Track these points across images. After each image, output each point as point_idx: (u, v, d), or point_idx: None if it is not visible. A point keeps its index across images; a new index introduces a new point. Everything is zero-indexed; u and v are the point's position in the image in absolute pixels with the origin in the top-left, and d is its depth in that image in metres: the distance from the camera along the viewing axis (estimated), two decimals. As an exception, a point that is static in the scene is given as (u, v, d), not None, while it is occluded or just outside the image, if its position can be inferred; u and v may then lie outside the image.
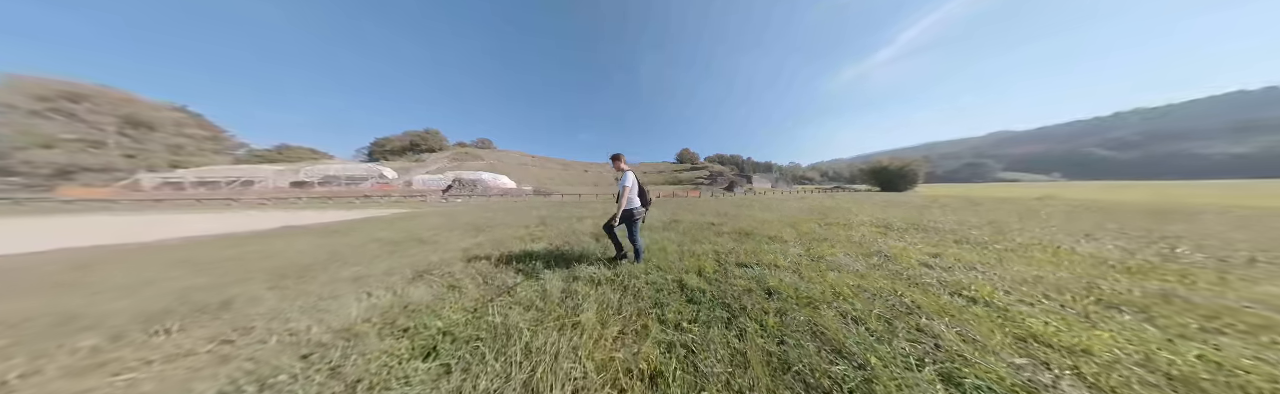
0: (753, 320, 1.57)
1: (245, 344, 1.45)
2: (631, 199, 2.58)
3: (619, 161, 2.69)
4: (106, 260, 3.43)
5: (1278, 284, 2.03)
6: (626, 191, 2.52)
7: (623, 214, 2.54)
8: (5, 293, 2.38)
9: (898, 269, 2.41)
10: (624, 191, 2.53)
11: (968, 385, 1.07)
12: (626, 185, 2.55)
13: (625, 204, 2.54)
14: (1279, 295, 1.86)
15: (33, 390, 1.19)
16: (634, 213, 2.56)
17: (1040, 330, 1.43)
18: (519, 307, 1.77)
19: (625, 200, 2.53)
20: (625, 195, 2.52)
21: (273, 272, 2.72)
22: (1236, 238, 3.55)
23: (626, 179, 2.57)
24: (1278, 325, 1.51)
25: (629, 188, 2.53)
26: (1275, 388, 1.08)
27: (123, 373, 1.26)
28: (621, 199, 2.55)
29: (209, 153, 32.42)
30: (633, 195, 2.58)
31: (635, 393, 1.05)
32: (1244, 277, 2.19)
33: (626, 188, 2.54)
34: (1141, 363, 1.20)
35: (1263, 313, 1.63)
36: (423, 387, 1.11)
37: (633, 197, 2.58)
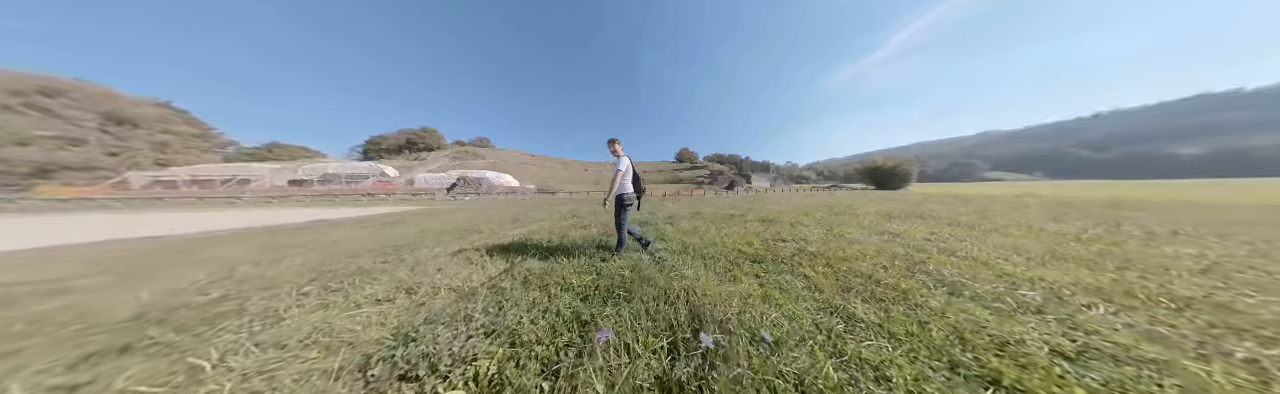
0: (809, 269, 2.17)
1: (424, 295, 1.83)
2: (624, 184, 2.50)
3: (615, 145, 2.60)
4: (191, 247, 3.72)
5: (1176, 246, 2.75)
6: (619, 175, 2.44)
7: (614, 199, 2.49)
8: (169, 267, 2.82)
9: (905, 242, 3.06)
10: (616, 175, 2.45)
11: (965, 295, 1.69)
12: (619, 169, 2.46)
13: (617, 189, 2.46)
14: (1174, 252, 2.57)
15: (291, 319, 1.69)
16: (624, 198, 2.50)
17: (1011, 271, 2.07)
18: (627, 270, 2.26)
19: (617, 184, 2.45)
20: (617, 179, 2.44)
21: (371, 251, 3.13)
22: (1168, 220, 4.35)
23: (620, 163, 2.49)
24: (1164, 263, 2.19)
25: (622, 172, 2.46)
26: (1153, 286, 1.72)
27: (362, 307, 1.72)
28: (613, 184, 2.46)
29: (197, 151, 31.61)
30: (625, 180, 2.50)
31: (756, 306, 1.63)
32: (1160, 243, 2.91)
33: (619, 172, 2.45)
34: (1073, 283, 1.85)
35: (1158, 260, 2.33)
36: (601, 307, 1.61)
37: (625, 181, 2.50)
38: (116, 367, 1.17)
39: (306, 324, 1.45)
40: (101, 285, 2.25)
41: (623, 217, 2.55)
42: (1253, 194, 11.90)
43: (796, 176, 55.96)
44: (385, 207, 13.44)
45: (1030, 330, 1.27)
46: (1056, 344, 1.18)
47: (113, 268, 2.76)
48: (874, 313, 1.45)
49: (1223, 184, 29.47)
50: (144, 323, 1.55)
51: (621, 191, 2.51)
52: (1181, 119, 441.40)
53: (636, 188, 2.63)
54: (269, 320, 1.52)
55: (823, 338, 1.23)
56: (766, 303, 1.60)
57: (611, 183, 2.51)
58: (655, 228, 4.36)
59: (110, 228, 6.71)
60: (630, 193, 2.56)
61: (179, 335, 1.39)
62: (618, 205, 2.53)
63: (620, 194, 2.51)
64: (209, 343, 1.31)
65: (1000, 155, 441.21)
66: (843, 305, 1.55)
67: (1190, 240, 3.02)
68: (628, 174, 2.52)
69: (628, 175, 2.52)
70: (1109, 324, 1.33)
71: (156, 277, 2.43)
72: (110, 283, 2.31)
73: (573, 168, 44.16)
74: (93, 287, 2.22)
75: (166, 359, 1.20)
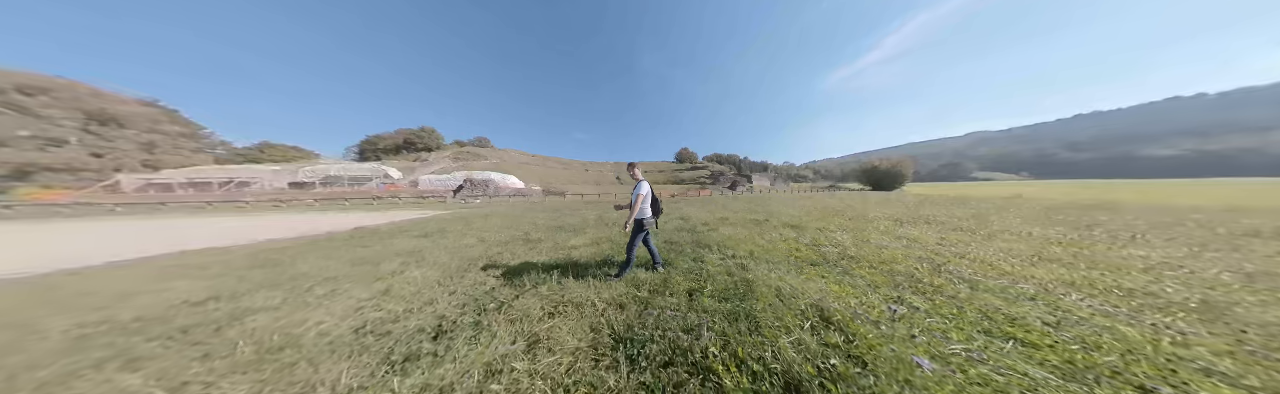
0: (859, 270, 2.85)
1: (601, 308, 2.56)
2: (643, 208, 2.60)
3: (635, 169, 2.76)
4: (280, 257, 4.06)
5: (1132, 249, 3.53)
6: (640, 200, 2.56)
7: (634, 223, 2.57)
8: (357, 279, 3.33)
9: (923, 246, 3.78)
10: (637, 200, 2.57)
11: (981, 288, 2.38)
12: (640, 194, 2.58)
13: (637, 213, 2.56)
14: (1129, 253, 3.34)
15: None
16: (644, 223, 2.60)
17: (1010, 270, 2.79)
18: (723, 274, 2.86)
19: (637, 209, 2.56)
20: (638, 204, 2.55)
21: (471, 262, 3.52)
22: (1133, 224, 5.22)
23: (641, 188, 2.60)
24: (1120, 264, 2.93)
25: (643, 196, 2.56)
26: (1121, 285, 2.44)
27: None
28: (634, 207, 2.57)
29: (186, 151, 30.90)
30: (645, 204, 2.60)
31: (842, 298, 2.27)
32: (1120, 246, 3.69)
33: (640, 196, 2.57)
34: (1054, 279, 2.56)
35: (1116, 260, 3.08)
36: (738, 303, 2.28)
37: (645, 206, 2.61)
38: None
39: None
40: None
41: (637, 240, 2.64)
42: (1211, 195, 13.29)
43: (795, 176, 57.42)
44: (402, 211, 13.62)
45: (1028, 311, 1.95)
46: (1045, 318, 1.86)
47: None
48: (922, 301, 2.12)
49: (1191, 184, 31.92)
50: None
51: (641, 216, 2.60)
52: (1153, 122, 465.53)
53: (655, 210, 2.74)
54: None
55: (900, 317, 1.89)
56: (846, 295, 2.26)
57: (632, 206, 2.60)
58: (697, 235, 4.96)
59: (149, 236, 6.85)
60: (650, 217, 2.67)
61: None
62: (639, 228, 2.62)
63: (640, 219, 2.60)
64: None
65: (988, 155, 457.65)
66: (900, 296, 2.22)
67: (1144, 243, 3.83)
68: (648, 198, 2.62)
69: (648, 199, 2.62)
70: (1078, 306, 2.03)
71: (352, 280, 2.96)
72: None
73: (573, 168, 44.51)
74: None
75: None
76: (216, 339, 1.87)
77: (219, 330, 1.98)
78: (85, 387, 1.47)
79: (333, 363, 1.57)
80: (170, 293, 2.74)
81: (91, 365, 1.62)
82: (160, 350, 1.76)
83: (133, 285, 3.03)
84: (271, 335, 1.87)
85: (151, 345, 1.82)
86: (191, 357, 1.67)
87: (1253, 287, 2.38)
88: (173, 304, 2.46)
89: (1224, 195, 13.38)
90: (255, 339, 1.83)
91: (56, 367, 1.62)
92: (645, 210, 2.64)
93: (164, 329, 2.01)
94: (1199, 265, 2.91)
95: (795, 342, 1.61)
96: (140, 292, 2.81)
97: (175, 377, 1.51)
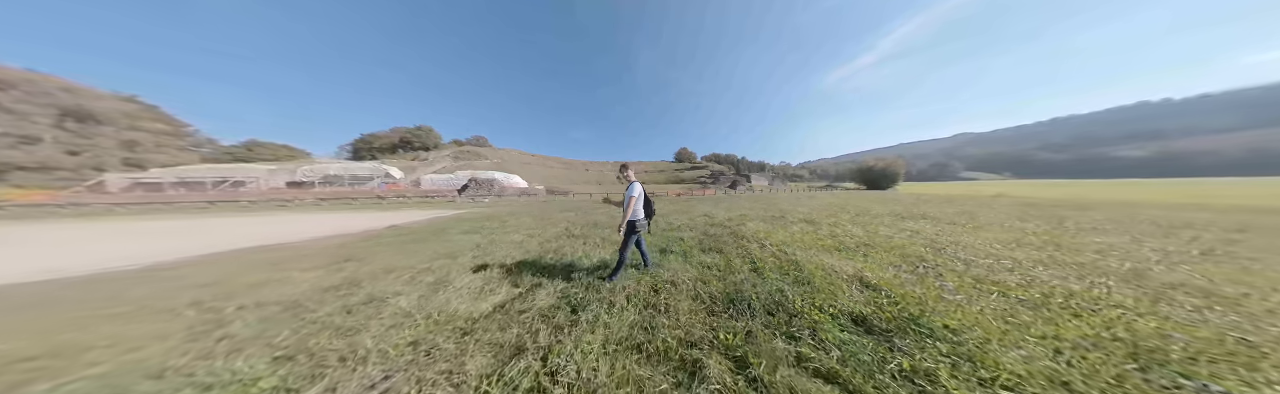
0: (878, 254, 3.60)
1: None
2: (636, 210, 2.63)
3: (626, 171, 2.77)
4: (354, 252, 4.63)
5: (1090, 237, 4.40)
6: (633, 202, 2.58)
7: (626, 225, 2.60)
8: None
9: (925, 237, 4.58)
10: (630, 201, 2.59)
11: (974, 265, 3.15)
12: (633, 195, 2.59)
13: (630, 215, 2.59)
14: (1088, 240, 4.20)
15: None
16: (636, 225, 2.63)
17: (996, 252, 3.59)
18: (772, 258, 3.65)
19: (630, 210, 2.59)
20: (631, 205, 2.58)
21: (536, 252, 4.28)
22: (1098, 218, 6.19)
23: (633, 189, 2.62)
24: (1079, 247, 3.76)
25: (635, 198, 2.59)
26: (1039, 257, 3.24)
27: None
28: (627, 209, 2.60)
29: (171, 150, 30.00)
30: (638, 206, 2.64)
31: (876, 272, 3.00)
32: (1083, 235, 4.57)
33: (633, 198, 2.59)
34: (1028, 259, 3.36)
35: (1076, 245, 3.92)
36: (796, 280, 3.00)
37: (638, 208, 2.65)
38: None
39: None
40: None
41: (630, 241, 2.69)
42: (1165, 193, 14.84)
43: (791, 175, 59.15)
44: (415, 210, 13.85)
45: (1007, 277, 2.72)
46: (1021, 283, 2.62)
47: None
48: (935, 275, 2.87)
49: (1152, 184, 34.74)
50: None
51: (634, 217, 2.64)
52: (1125, 125, 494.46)
53: (648, 211, 2.81)
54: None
55: (918, 280, 2.62)
56: (875, 269, 2.99)
57: (625, 208, 2.64)
58: (729, 229, 5.65)
59: (193, 236, 6.95)
60: (642, 219, 2.71)
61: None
62: (631, 230, 2.65)
63: (633, 220, 2.63)
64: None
65: (974, 156, 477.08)
66: (922, 272, 2.97)
67: (1101, 232, 4.73)
68: (640, 200, 2.67)
69: (640, 201, 2.67)
70: (1042, 274, 2.81)
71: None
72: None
73: (574, 168, 44.85)
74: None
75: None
76: (388, 315, 2.10)
77: (380, 310, 2.19)
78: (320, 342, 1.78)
79: (509, 329, 1.86)
80: (297, 282, 2.92)
81: (312, 333, 1.90)
82: (354, 322, 2.01)
83: (248, 276, 3.20)
84: (431, 313, 2.11)
85: (342, 318, 2.07)
86: (386, 325, 1.95)
87: (1167, 260, 3.23)
88: (312, 289, 2.69)
89: (1176, 193, 14.94)
90: (424, 314, 2.09)
91: (314, 331, 2.03)
92: (638, 212, 2.68)
93: (333, 307, 2.26)
94: (1136, 248, 3.78)
95: (850, 296, 2.32)
96: (266, 281, 3.01)
97: (390, 340, 1.77)
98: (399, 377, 1.44)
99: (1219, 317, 1.97)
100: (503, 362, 1.54)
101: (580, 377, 1.40)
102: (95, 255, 4.83)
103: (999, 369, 1.41)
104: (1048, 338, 1.68)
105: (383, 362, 1.57)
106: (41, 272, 3.81)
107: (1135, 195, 13.74)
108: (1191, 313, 2.02)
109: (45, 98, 27.45)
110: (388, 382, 1.41)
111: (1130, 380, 1.36)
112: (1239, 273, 2.84)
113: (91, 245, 6.22)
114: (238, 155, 34.10)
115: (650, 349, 1.62)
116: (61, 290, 3.01)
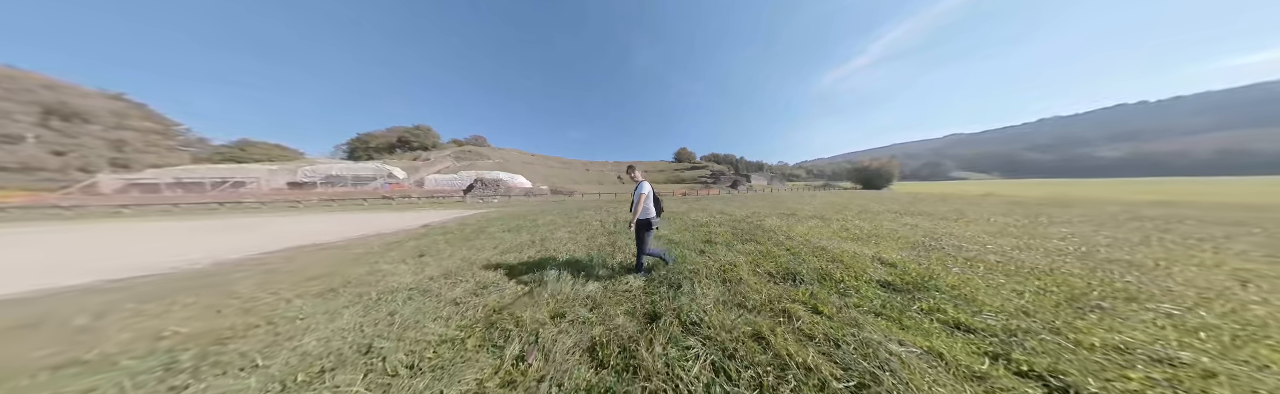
0: (886, 242, 4.40)
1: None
2: (647, 208, 2.68)
3: (635, 171, 2.85)
4: (422, 248, 5.29)
5: (1059, 228, 5.30)
6: (643, 200, 2.65)
7: (639, 223, 2.68)
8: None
9: (924, 230, 5.42)
10: (640, 200, 2.67)
11: (966, 250, 3.96)
12: (643, 193, 2.67)
13: (640, 213, 2.66)
14: (1057, 231, 5.09)
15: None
16: (651, 222, 2.71)
17: (983, 241, 4.43)
18: (804, 246, 4.42)
19: (640, 209, 2.66)
20: (641, 204, 2.65)
21: (593, 247, 5.02)
22: (1068, 214, 7.17)
23: (642, 188, 2.69)
24: (1047, 235, 4.62)
25: (645, 196, 2.66)
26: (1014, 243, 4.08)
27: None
28: (636, 207, 2.68)
29: (161, 150, 29.39)
30: (648, 204, 2.69)
31: (890, 255, 3.78)
32: (1055, 226, 5.48)
33: (643, 196, 2.66)
34: (1009, 245, 4.20)
35: (1046, 234, 4.80)
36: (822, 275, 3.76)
37: (648, 206, 2.70)
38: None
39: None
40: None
41: (647, 238, 2.77)
42: (1131, 191, 16.33)
43: (788, 175, 60.72)
44: (430, 210, 14.19)
45: (992, 258, 3.52)
46: (1001, 261, 3.42)
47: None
48: (945, 260, 3.66)
49: (1123, 183, 37.37)
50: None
51: (645, 215, 2.71)
52: (1105, 126, 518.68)
53: (657, 208, 2.86)
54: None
55: (932, 262, 3.40)
56: (889, 252, 3.77)
57: (635, 206, 2.72)
58: (752, 224, 6.43)
59: (240, 234, 7.44)
60: (654, 216, 2.79)
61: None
62: (645, 228, 2.72)
63: (645, 219, 2.71)
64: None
65: (965, 156, 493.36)
66: (926, 254, 3.76)
67: (1069, 224, 5.66)
68: (650, 198, 2.73)
69: (650, 199, 2.73)
70: (1018, 256, 3.63)
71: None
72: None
73: (574, 167, 45.31)
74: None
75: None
76: (510, 295, 2.53)
77: (501, 291, 2.64)
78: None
79: (627, 302, 2.34)
80: (400, 273, 3.29)
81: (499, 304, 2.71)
82: (490, 301, 2.49)
83: (351, 269, 3.60)
84: (552, 293, 2.50)
85: (477, 299, 2.48)
86: (525, 304, 2.34)
87: (1115, 244, 4.11)
88: (422, 278, 3.07)
89: (1141, 192, 16.47)
90: (550, 294, 2.50)
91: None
92: (649, 210, 2.74)
93: (460, 291, 2.69)
94: (1093, 235, 4.67)
95: (874, 270, 3.09)
96: (371, 272, 3.40)
97: (535, 315, 2.22)
98: (582, 336, 1.88)
99: (1126, 275, 2.81)
100: (645, 323, 2.05)
101: (715, 325, 2.00)
102: (170, 253, 5.18)
103: (984, 305, 2.19)
104: (1016, 290, 2.47)
105: (548, 325, 2.04)
106: (145, 267, 4.33)
107: (1106, 193, 15.13)
108: (1112, 275, 2.85)
109: (26, 95, 26.67)
110: (582, 337, 1.85)
111: (1061, 307, 2.15)
112: (1159, 252, 3.72)
113: (153, 244, 6.60)
114: (229, 155, 33.60)
115: (749, 305, 2.31)
116: (230, 272, 3.64)
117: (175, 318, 2.36)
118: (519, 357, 1.68)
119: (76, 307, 2.68)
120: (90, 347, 1.94)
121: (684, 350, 1.69)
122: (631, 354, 1.67)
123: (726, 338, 1.80)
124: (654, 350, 1.69)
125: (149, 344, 1.96)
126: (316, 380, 1.52)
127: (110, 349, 1.91)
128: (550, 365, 1.58)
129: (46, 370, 1.72)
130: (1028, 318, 1.99)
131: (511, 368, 1.58)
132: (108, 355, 1.84)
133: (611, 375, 1.50)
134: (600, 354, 1.68)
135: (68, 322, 2.36)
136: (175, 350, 1.85)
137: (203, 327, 2.19)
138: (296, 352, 1.79)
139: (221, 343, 1.93)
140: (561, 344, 1.78)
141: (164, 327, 2.20)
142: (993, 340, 1.73)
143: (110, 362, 1.76)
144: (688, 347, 1.73)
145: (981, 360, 1.55)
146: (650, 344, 1.75)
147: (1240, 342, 1.72)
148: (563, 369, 1.55)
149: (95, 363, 1.76)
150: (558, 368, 1.56)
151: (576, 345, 1.78)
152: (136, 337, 2.06)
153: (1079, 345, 1.67)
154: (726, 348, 1.70)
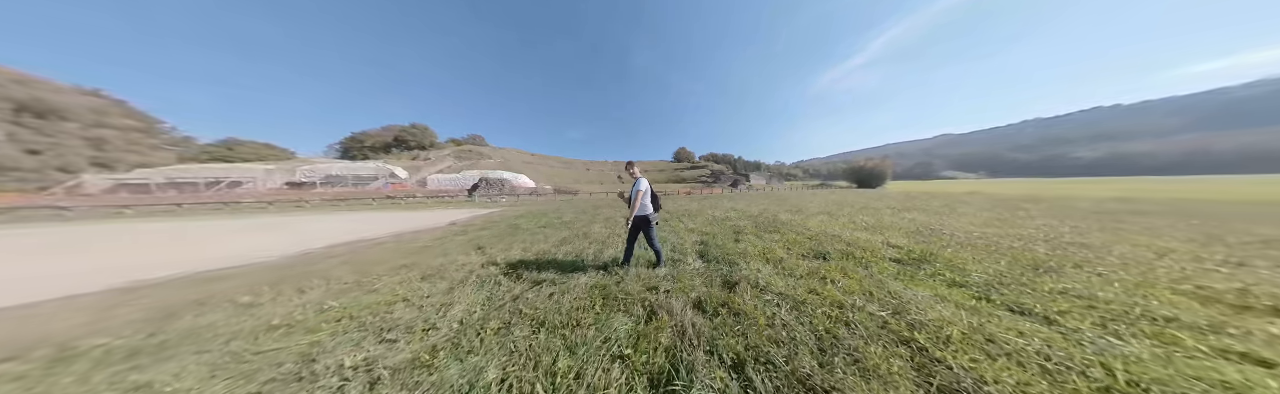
0: (890, 232, 5.23)
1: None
2: (645, 204, 2.73)
3: (633, 168, 2.89)
4: (475, 243, 5.98)
5: (1034, 220, 6.25)
6: (640, 196, 2.70)
7: (637, 219, 2.72)
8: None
9: (920, 223, 6.28)
10: (637, 196, 2.72)
11: (956, 237, 4.81)
12: (640, 190, 2.71)
13: (638, 209, 2.71)
14: (1032, 222, 6.02)
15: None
16: (649, 218, 2.75)
17: (971, 230, 5.31)
18: (828, 237, 5.20)
19: (638, 205, 2.70)
20: (639, 200, 2.70)
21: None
22: (1043, 209, 8.22)
23: (640, 184, 2.73)
24: (1024, 224, 5.53)
25: (642, 192, 2.70)
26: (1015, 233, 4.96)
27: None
28: (634, 203, 2.72)
29: (144, 148, 28.54)
30: (646, 200, 2.74)
31: (898, 241, 4.58)
32: (1031, 219, 6.43)
33: (640, 192, 2.71)
34: (992, 234, 5.07)
35: (1022, 224, 5.72)
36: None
37: (646, 202, 2.74)
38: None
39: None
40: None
41: (643, 233, 2.86)
42: (1102, 189, 17.94)
43: (786, 174, 62.40)
44: (441, 210, 14.38)
45: (978, 243, 4.36)
46: (985, 245, 4.26)
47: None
48: (940, 243, 4.48)
49: (1096, 182, 40.28)
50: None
51: (643, 212, 2.76)
52: (1083, 128, 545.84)
53: (655, 205, 2.90)
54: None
55: (931, 245, 4.22)
56: (895, 240, 4.58)
57: (633, 203, 2.77)
58: (768, 219, 7.22)
59: (273, 233, 7.82)
60: (652, 212, 2.84)
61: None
62: (643, 224, 2.78)
63: (643, 215, 2.77)
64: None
65: (953, 155, 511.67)
66: (924, 239, 4.58)
67: (1042, 217, 6.62)
68: (647, 194, 2.78)
69: (648, 195, 2.78)
70: (997, 241, 4.48)
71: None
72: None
73: (575, 167, 45.70)
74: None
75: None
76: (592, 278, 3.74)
77: (614, 272, 3.85)
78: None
79: (699, 277, 3.51)
80: (472, 264, 3.58)
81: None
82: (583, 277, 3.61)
83: (427, 259, 3.94)
84: (626, 275, 3.79)
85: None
86: (620, 281, 3.46)
87: (1077, 230, 5.04)
88: (500, 267, 3.44)
89: (1110, 190, 18.10)
90: (628, 275, 3.76)
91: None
92: (647, 206, 2.79)
93: (544, 275, 3.28)
94: (1060, 224, 5.61)
95: (885, 251, 3.88)
96: (447, 263, 3.82)
97: (633, 291, 3.40)
98: (686, 299, 2.67)
99: (1078, 253, 3.66)
100: (726, 289, 2.70)
101: (779, 286, 2.68)
102: (232, 248, 5.53)
103: (972, 271, 2.99)
104: (995, 262, 3.29)
105: (649, 295, 2.84)
106: (229, 257, 4.83)
107: (1078, 192, 16.62)
108: (1067, 252, 3.71)
109: (-4, 91, 25.58)
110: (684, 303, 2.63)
111: (1026, 271, 2.96)
112: (1110, 237, 4.63)
113: (209, 241, 6.84)
114: (216, 154, 32.86)
115: (796, 275, 3.04)
116: (315, 262, 4.15)
117: (316, 295, 2.72)
118: (650, 313, 2.26)
119: (242, 284, 3.18)
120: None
121: (765, 303, 2.39)
122: (731, 306, 2.33)
123: (792, 293, 2.53)
124: (747, 302, 2.39)
125: (315, 315, 2.27)
126: (503, 331, 1.99)
127: (298, 317, 2.24)
128: (675, 318, 2.19)
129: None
130: (1003, 277, 2.79)
131: (644, 325, 2.07)
132: (297, 321, 2.17)
133: (724, 320, 2.11)
134: (708, 309, 2.31)
135: (233, 298, 2.67)
136: (347, 319, 2.19)
137: (349, 301, 2.53)
138: (455, 317, 2.13)
139: (384, 314, 2.23)
140: (674, 305, 2.37)
141: (320, 300, 2.59)
142: (978, 290, 2.51)
143: (307, 326, 2.08)
144: (768, 300, 2.43)
145: (970, 300, 2.32)
146: (742, 299, 2.44)
147: (1139, 287, 2.54)
148: (684, 319, 2.16)
149: (293, 326, 2.13)
150: (680, 319, 2.16)
151: (686, 306, 2.39)
152: (295, 308, 2.40)
153: (1035, 290, 2.46)
154: (795, 298, 2.42)
